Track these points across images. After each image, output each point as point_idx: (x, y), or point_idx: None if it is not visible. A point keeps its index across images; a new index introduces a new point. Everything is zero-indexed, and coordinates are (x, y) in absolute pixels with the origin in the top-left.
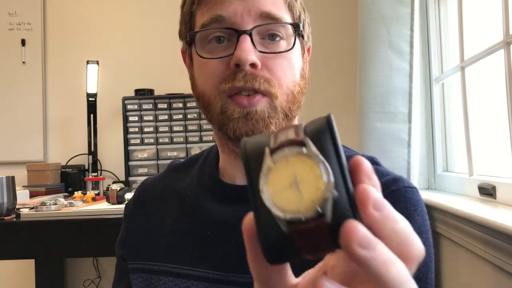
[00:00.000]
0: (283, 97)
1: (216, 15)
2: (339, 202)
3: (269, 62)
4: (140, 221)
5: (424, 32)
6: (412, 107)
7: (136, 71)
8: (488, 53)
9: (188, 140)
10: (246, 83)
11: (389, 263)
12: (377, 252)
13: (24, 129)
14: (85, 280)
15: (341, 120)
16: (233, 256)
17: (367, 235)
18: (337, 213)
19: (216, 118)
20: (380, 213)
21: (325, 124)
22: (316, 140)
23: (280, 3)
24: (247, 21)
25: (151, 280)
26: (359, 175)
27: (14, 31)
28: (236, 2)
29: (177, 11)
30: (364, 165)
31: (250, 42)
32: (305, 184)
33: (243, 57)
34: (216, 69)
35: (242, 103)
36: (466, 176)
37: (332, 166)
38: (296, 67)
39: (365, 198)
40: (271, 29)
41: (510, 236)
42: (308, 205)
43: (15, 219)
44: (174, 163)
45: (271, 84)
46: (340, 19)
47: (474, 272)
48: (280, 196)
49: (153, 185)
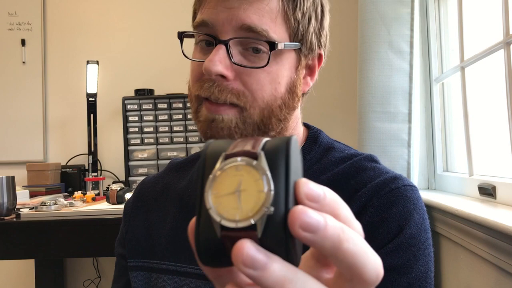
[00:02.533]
0: (256, 110)
1: (202, 20)
2: (273, 220)
3: (244, 75)
4: (140, 219)
5: (424, 32)
6: (412, 107)
7: (136, 71)
8: (488, 53)
9: (188, 140)
10: (211, 94)
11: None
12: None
13: (24, 129)
14: (85, 280)
15: (341, 120)
16: None
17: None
18: (268, 229)
19: (193, 117)
20: (311, 234)
21: (283, 144)
22: (270, 157)
23: (272, 13)
24: (227, 31)
25: (151, 278)
26: (298, 196)
27: (14, 31)
28: (221, 9)
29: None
30: (303, 186)
31: (224, 53)
32: (246, 195)
33: (207, 67)
34: (194, 71)
35: (209, 108)
36: (466, 176)
37: (277, 184)
38: (280, 81)
39: (293, 218)
40: (251, 42)
41: (510, 236)
42: (244, 215)
43: (15, 219)
44: (174, 162)
45: (240, 97)
46: (340, 19)
47: (474, 272)
48: (221, 201)
49: (153, 184)
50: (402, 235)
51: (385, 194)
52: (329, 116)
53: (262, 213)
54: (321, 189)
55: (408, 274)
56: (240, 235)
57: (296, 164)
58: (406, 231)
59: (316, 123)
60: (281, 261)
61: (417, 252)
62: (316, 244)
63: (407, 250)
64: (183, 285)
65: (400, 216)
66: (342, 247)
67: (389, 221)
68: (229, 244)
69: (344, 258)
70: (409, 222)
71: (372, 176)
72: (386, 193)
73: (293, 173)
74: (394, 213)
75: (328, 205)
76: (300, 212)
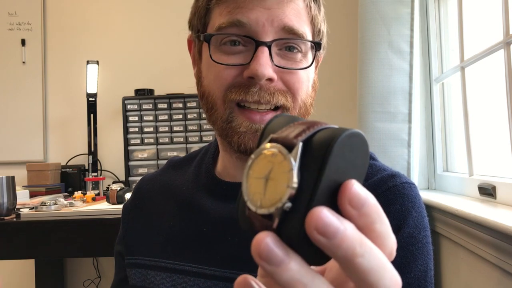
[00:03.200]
0: (296, 110)
1: (236, 20)
2: (290, 216)
3: (285, 75)
4: (138, 217)
5: (424, 32)
6: (412, 107)
7: (136, 71)
8: (488, 53)
9: (188, 140)
10: (261, 98)
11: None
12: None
13: (24, 129)
14: (85, 280)
15: (341, 120)
16: (229, 253)
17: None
18: (284, 224)
19: (220, 125)
20: (325, 239)
21: (332, 137)
22: (310, 150)
23: (303, 15)
24: (268, 32)
25: (147, 275)
26: (340, 197)
27: (14, 31)
28: (260, 9)
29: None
30: (348, 190)
31: (268, 55)
32: (273, 184)
33: (260, 72)
34: (227, 74)
35: (253, 118)
36: (466, 176)
37: (304, 181)
38: (310, 80)
39: (310, 218)
40: (291, 42)
41: (510, 236)
42: (265, 203)
43: (15, 219)
44: (173, 160)
45: (288, 97)
46: (340, 19)
47: (474, 272)
48: (252, 183)
49: (151, 182)
50: (400, 234)
51: (383, 192)
52: (329, 116)
53: (279, 206)
54: (367, 197)
55: (407, 274)
56: (260, 221)
57: (343, 162)
58: (404, 230)
59: None
60: (300, 261)
61: (415, 251)
62: (329, 251)
63: (405, 249)
64: (181, 283)
65: (398, 215)
66: (354, 261)
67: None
68: (256, 224)
69: (356, 272)
70: (407, 220)
71: (369, 174)
72: (384, 191)
73: (334, 171)
74: (392, 211)
75: (367, 216)
76: (319, 213)
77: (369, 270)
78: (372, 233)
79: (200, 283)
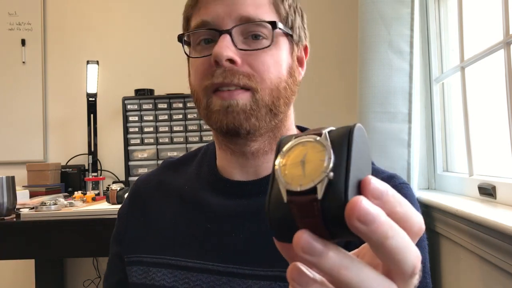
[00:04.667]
0: (266, 91)
1: (201, 21)
2: (333, 185)
3: (250, 58)
4: (137, 216)
5: (424, 32)
6: (412, 107)
7: (136, 71)
8: (488, 53)
9: (188, 140)
10: (224, 79)
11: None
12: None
13: (24, 129)
14: (85, 280)
15: (341, 120)
16: (233, 248)
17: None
18: (329, 192)
19: (203, 113)
20: (364, 226)
21: (347, 128)
22: (333, 136)
23: (264, 5)
24: (228, 23)
25: (149, 272)
26: (363, 191)
27: (14, 31)
28: (219, 6)
29: (176, 11)
30: (371, 182)
31: (229, 40)
32: (310, 165)
33: (219, 53)
34: (200, 67)
35: (223, 96)
36: (466, 176)
37: (337, 155)
38: (282, 64)
39: (351, 207)
40: (252, 29)
41: (510, 236)
42: (307, 181)
43: (15, 219)
44: (169, 161)
45: (251, 79)
46: (340, 19)
47: (474, 272)
48: (288, 170)
49: (147, 181)
50: None
51: None
52: (329, 116)
53: (323, 177)
54: (385, 186)
55: None
56: (303, 199)
57: (358, 146)
58: None
59: (317, 123)
60: (336, 249)
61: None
62: (365, 236)
63: None
64: (183, 279)
65: None
66: (385, 243)
67: None
68: (295, 209)
69: (386, 252)
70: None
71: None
72: None
73: (354, 151)
74: None
75: (389, 202)
76: (359, 203)
77: (397, 249)
78: (395, 215)
79: (203, 278)
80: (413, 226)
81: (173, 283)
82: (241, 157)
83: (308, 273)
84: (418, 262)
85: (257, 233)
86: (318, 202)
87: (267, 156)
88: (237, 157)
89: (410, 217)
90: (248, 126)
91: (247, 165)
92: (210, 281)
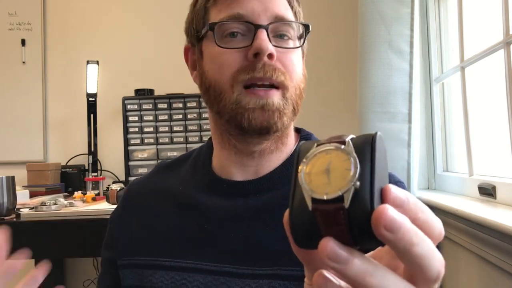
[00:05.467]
0: (293, 90)
1: (235, 13)
2: (359, 194)
3: (282, 56)
4: (131, 219)
5: (424, 32)
6: (412, 107)
7: (136, 71)
8: (488, 53)
9: (188, 140)
10: (265, 73)
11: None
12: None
13: (24, 129)
14: (85, 280)
15: (341, 120)
16: (232, 248)
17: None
18: (355, 201)
19: (229, 108)
20: (390, 234)
21: (369, 136)
22: (357, 144)
23: (289, 8)
24: (263, 19)
25: (144, 275)
26: (385, 200)
27: (14, 31)
28: (254, 2)
29: (177, 11)
30: (392, 191)
31: (266, 35)
32: (335, 173)
33: (264, 46)
34: (233, 59)
35: (259, 94)
36: (466, 176)
37: (362, 164)
38: (301, 65)
39: (378, 217)
40: (282, 29)
41: (510, 236)
42: (332, 189)
43: (15, 219)
44: (163, 164)
45: (285, 76)
46: (340, 19)
47: (474, 272)
48: (312, 178)
49: (141, 185)
50: None
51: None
52: (329, 116)
53: (349, 186)
54: (405, 194)
55: None
56: (329, 207)
57: (380, 155)
58: None
59: (316, 123)
60: (361, 256)
61: None
62: (391, 243)
63: None
64: (180, 280)
65: None
66: (411, 250)
67: None
68: (320, 217)
69: (412, 259)
70: None
71: None
72: None
73: (377, 159)
74: None
75: (410, 210)
76: (386, 211)
77: (423, 256)
78: (417, 222)
79: (201, 278)
80: (434, 231)
81: (171, 285)
82: (246, 157)
83: (334, 280)
84: (442, 268)
85: (255, 232)
86: (345, 210)
87: (272, 155)
88: (241, 156)
89: (432, 223)
90: (281, 124)
91: (250, 164)
92: (208, 281)
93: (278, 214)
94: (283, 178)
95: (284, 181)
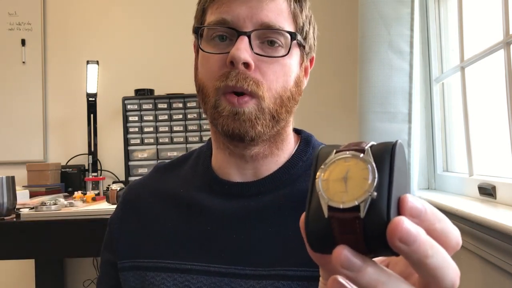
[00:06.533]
0: (271, 100)
1: (221, 18)
2: (375, 204)
3: (263, 65)
4: (131, 222)
5: (424, 32)
6: (412, 107)
7: (136, 71)
8: (488, 53)
9: (188, 140)
10: (237, 82)
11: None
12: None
13: (24, 129)
14: (85, 280)
15: (341, 120)
16: (235, 249)
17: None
18: (371, 211)
19: (210, 111)
20: (405, 246)
21: (389, 145)
22: (376, 153)
23: (284, 13)
24: (248, 26)
25: (146, 277)
26: (402, 210)
27: (14, 31)
28: (241, 8)
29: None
30: (409, 201)
31: (247, 43)
32: (353, 181)
33: (237, 55)
34: (214, 65)
35: (232, 101)
36: (466, 176)
37: (381, 174)
38: (291, 74)
39: (393, 229)
40: (270, 35)
41: (510, 236)
42: (350, 197)
43: (15, 219)
44: (160, 165)
45: (259, 86)
46: (340, 19)
47: (474, 272)
48: (330, 186)
49: (140, 187)
50: None
51: None
52: (330, 116)
53: (366, 196)
54: (422, 204)
55: None
56: (345, 216)
57: (399, 164)
58: None
59: (317, 123)
60: (375, 265)
61: None
62: (406, 254)
63: None
64: (183, 281)
65: None
66: (426, 261)
67: None
68: (335, 225)
69: (427, 270)
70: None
71: None
72: None
73: (396, 170)
74: None
75: (427, 220)
76: (401, 223)
77: (438, 267)
78: (434, 232)
79: (204, 280)
80: (451, 241)
81: (173, 287)
82: (240, 159)
83: (348, 286)
84: (457, 278)
85: (258, 233)
86: (361, 220)
87: (267, 159)
88: (235, 158)
89: (448, 233)
90: (253, 133)
91: (246, 167)
92: (212, 282)
93: (280, 215)
94: (284, 180)
95: (285, 182)
